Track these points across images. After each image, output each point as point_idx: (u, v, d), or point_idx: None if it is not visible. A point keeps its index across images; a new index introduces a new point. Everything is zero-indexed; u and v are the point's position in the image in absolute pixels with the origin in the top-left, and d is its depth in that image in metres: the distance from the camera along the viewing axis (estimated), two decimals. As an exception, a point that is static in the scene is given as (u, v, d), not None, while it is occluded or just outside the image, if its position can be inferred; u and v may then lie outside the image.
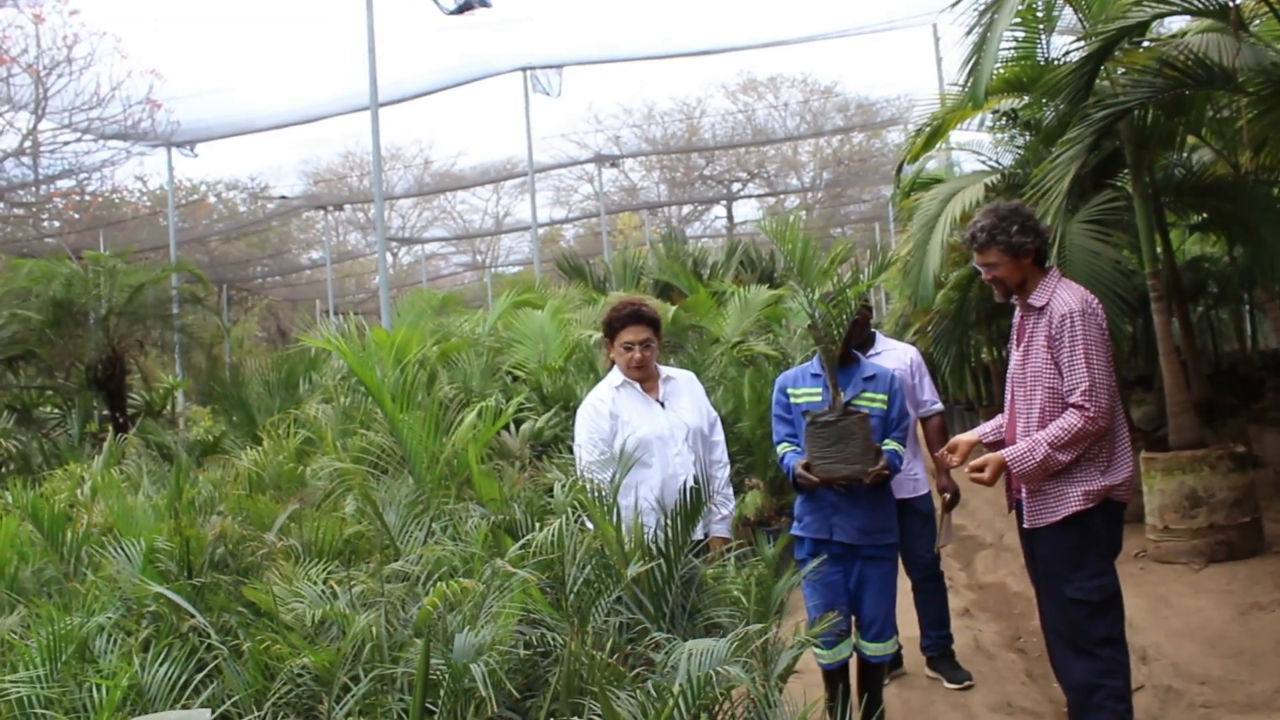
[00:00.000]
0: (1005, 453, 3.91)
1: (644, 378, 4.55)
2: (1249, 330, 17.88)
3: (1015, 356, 4.10)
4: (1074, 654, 3.99)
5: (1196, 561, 6.68)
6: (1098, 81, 6.96)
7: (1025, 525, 4.06)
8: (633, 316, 4.50)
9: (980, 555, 8.93)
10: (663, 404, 4.55)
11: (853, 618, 4.51)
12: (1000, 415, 4.26)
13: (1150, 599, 6.18)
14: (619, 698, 2.49)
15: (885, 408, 4.46)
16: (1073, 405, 3.81)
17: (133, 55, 48.23)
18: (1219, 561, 6.63)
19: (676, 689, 2.24)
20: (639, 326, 4.48)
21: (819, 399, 4.45)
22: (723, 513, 4.58)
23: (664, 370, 4.66)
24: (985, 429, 4.29)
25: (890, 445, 4.40)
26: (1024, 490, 4.01)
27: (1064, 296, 3.91)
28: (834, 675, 4.49)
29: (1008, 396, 4.15)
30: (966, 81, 6.65)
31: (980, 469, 3.94)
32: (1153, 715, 4.81)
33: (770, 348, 10.38)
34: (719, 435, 4.72)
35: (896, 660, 5.55)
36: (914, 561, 5.47)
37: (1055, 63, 7.46)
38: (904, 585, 5.53)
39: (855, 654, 4.54)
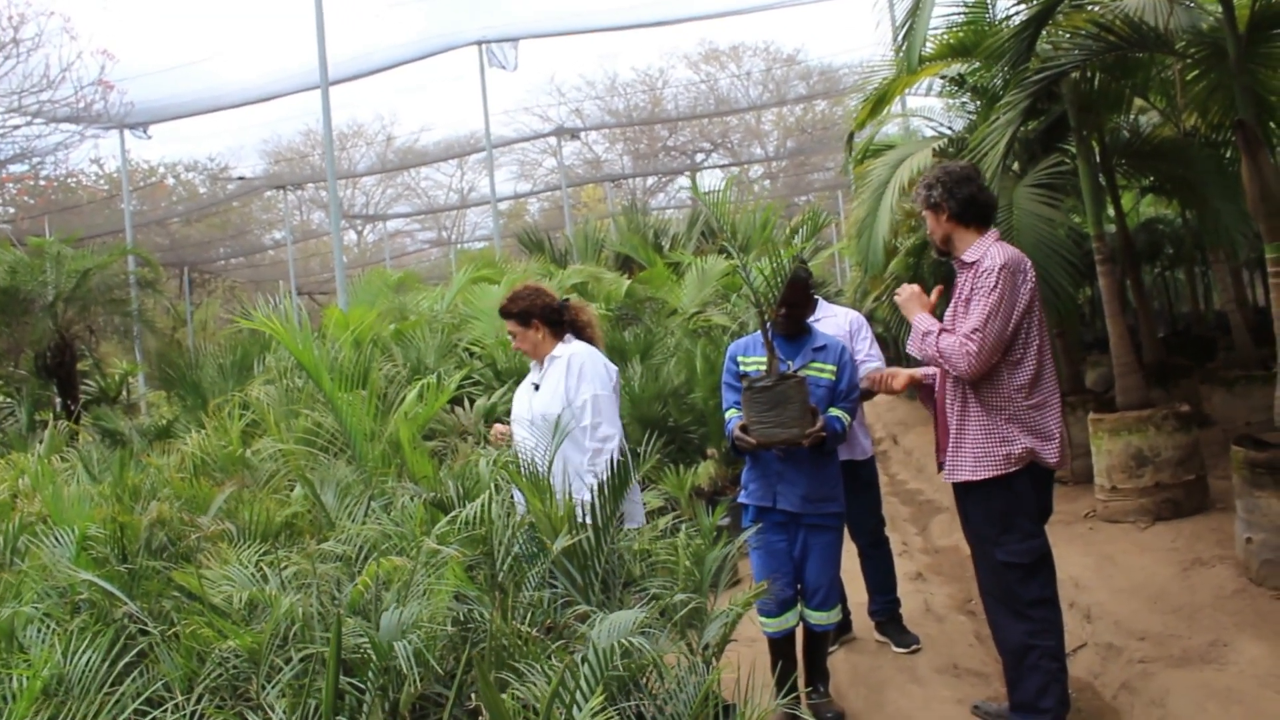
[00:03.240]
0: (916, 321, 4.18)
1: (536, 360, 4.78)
2: (1203, 291, 18.07)
3: (948, 312, 4.18)
4: (1008, 615, 4.06)
5: (1143, 520, 6.76)
6: (1043, 46, 6.97)
7: (943, 478, 4.16)
8: (501, 312, 4.83)
9: (936, 519, 9.02)
10: (538, 386, 4.68)
11: (799, 586, 4.54)
12: None
13: (1097, 558, 6.26)
14: (537, 670, 2.51)
15: (834, 379, 4.47)
16: (961, 334, 3.96)
17: (83, 35, 47.57)
18: (1165, 519, 6.72)
19: (580, 660, 2.25)
20: (507, 322, 4.79)
21: (765, 368, 4.46)
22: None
23: (559, 349, 4.71)
24: (927, 370, 4.38)
25: (835, 412, 4.42)
26: (948, 447, 4.09)
27: (994, 254, 3.99)
28: (780, 644, 4.52)
29: None
30: (901, 47, 6.65)
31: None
32: (1094, 672, 4.90)
33: (726, 318, 10.40)
34: (588, 418, 4.53)
35: (846, 625, 5.61)
36: (859, 528, 5.51)
37: (1000, 26, 7.46)
38: (851, 551, 5.60)
39: (801, 622, 4.57)
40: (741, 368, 4.58)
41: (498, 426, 4.68)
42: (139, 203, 29.63)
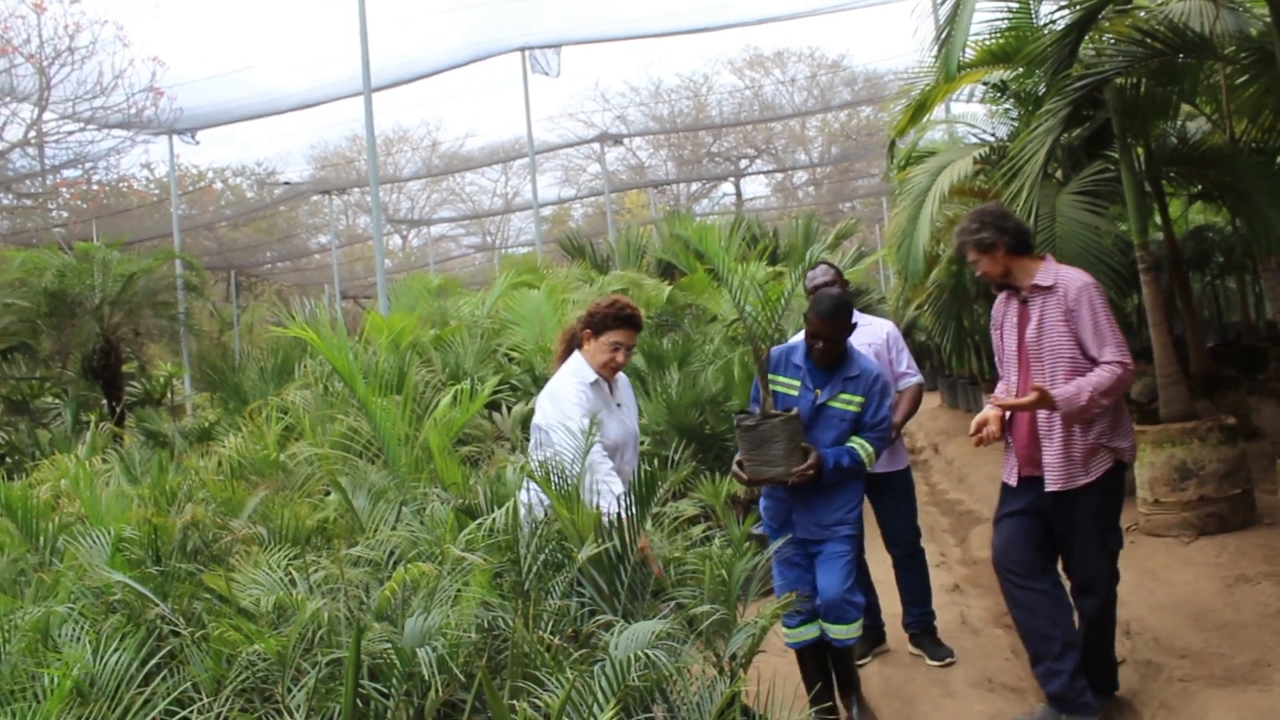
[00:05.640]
0: (1055, 391, 4.06)
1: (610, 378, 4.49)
2: (1254, 301, 17.70)
3: (1015, 335, 4.30)
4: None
5: (1187, 534, 6.64)
6: (1086, 51, 6.87)
7: (1056, 489, 4.16)
8: (630, 320, 4.42)
9: (975, 530, 8.90)
10: (620, 404, 4.53)
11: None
12: (1000, 385, 4.45)
13: (1138, 572, 6.15)
14: (560, 680, 2.50)
15: (860, 410, 4.42)
16: (1107, 362, 4.05)
17: (135, 43, 48.44)
18: (1210, 534, 6.59)
19: (599, 672, 2.24)
20: (632, 331, 4.44)
21: (795, 393, 4.42)
22: None
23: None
24: (999, 393, 4.42)
25: (856, 442, 4.36)
26: (1048, 459, 4.16)
27: (1070, 274, 4.23)
28: (805, 655, 4.47)
29: (1015, 376, 4.31)
30: (939, 54, 6.59)
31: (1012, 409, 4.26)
32: (1132, 689, 4.80)
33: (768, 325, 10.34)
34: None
35: (879, 637, 5.54)
36: (893, 539, 5.45)
37: (1042, 31, 7.38)
38: (886, 561, 5.55)
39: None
40: (770, 383, 4.52)
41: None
42: (187, 207, 30.10)
